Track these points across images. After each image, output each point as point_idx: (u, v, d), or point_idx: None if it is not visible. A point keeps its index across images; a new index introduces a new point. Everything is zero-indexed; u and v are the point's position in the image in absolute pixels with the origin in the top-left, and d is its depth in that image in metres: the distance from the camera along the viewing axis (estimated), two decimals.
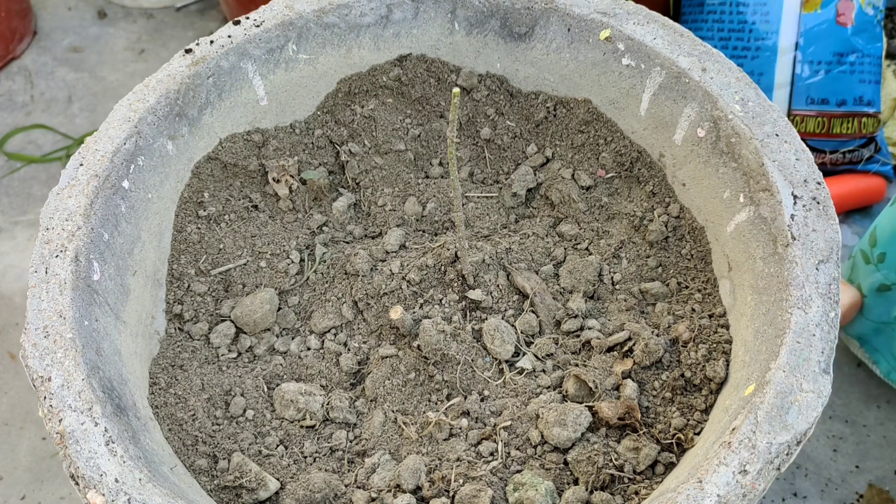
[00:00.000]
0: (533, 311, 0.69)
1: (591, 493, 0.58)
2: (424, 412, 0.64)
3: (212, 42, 0.72)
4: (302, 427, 0.65)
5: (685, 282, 0.69)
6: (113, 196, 0.63)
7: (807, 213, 0.59)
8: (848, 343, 0.95)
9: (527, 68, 0.78)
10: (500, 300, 0.69)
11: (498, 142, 0.80)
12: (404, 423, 0.64)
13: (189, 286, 0.70)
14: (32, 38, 1.40)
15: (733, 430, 0.52)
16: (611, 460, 0.59)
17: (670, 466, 0.59)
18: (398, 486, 0.60)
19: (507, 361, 0.66)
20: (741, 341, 0.61)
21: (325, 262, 0.73)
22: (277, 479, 0.61)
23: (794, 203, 0.60)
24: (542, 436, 0.61)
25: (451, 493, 0.59)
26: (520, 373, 0.66)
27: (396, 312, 0.66)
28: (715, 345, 0.63)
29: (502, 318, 0.68)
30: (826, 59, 1.04)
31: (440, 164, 0.81)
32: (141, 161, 0.66)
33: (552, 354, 0.67)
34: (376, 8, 0.75)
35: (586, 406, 0.62)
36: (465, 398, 0.65)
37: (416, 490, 0.60)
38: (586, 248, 0.74)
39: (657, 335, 0.65)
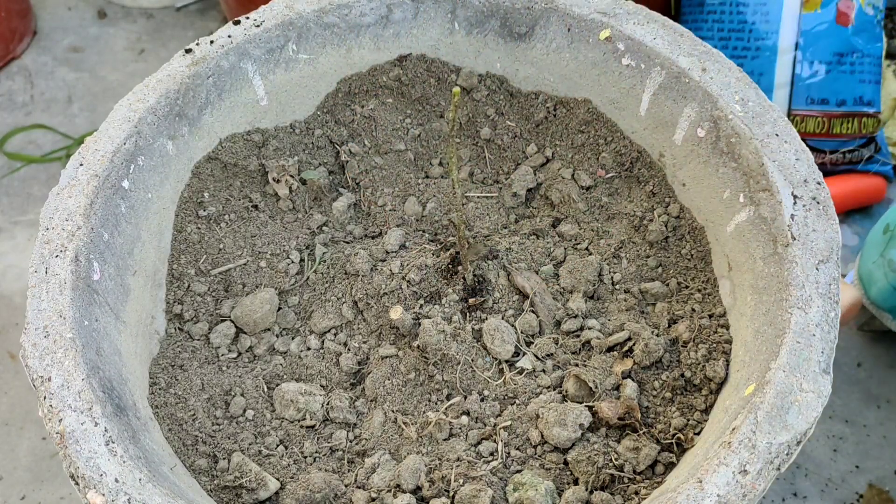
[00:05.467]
0: (533, 311, 0.69)
1: (591, 493, 0.58)
2: (424, 412, 0.64)
3: (212, 42, 0.72)
4: (302, 427, 0.65)
5: (685, 282, 0.69)
6: (113, 196, 0.63)
7: (807, 213, 0.59)
8: (880, 316, 0.94)
9: (527, 68, 0.78)
10: (500, 300, 0.69)
11: (498, 142, 0.80)
12: (404, 423, 0.64)
13: (189, 286, 0.70)
14: (32, 38, 1.40)
15: (733, 430, 0.52)
16: (611, 460, 0.59)
17: (670, 466, 0.59)
18: (398, 486, 0.60)
19: (507, 361, 0.66)
20: (741, 341, 0.61)
21: (325, 262, 0.73)
22: (277, 479, 0.61)
23: (794, 203, 0.60)
24: (542, 436, 0.61)
25: (451, 493, 0.59)
26: (520, 373, 0.66)
27: (396, 312, 0.66)
28: (715, 345, 0.63)
29: (502, 318, 0.68)
30: (826, 59, 1.04)
31: (440, 164, 0.81)
32: (141, 161, 0.66)
33: (552, 354, 0.67)
34: (376, 8, 0.75)
35: (586, 406, 0.62)
36: (465, 398, 0.65)
37: (416, 490, 0.60)
38: (586, 248, 0.74)
39: (657, 335, 0.65)
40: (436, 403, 0.65)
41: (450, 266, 0.70)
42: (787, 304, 0.56)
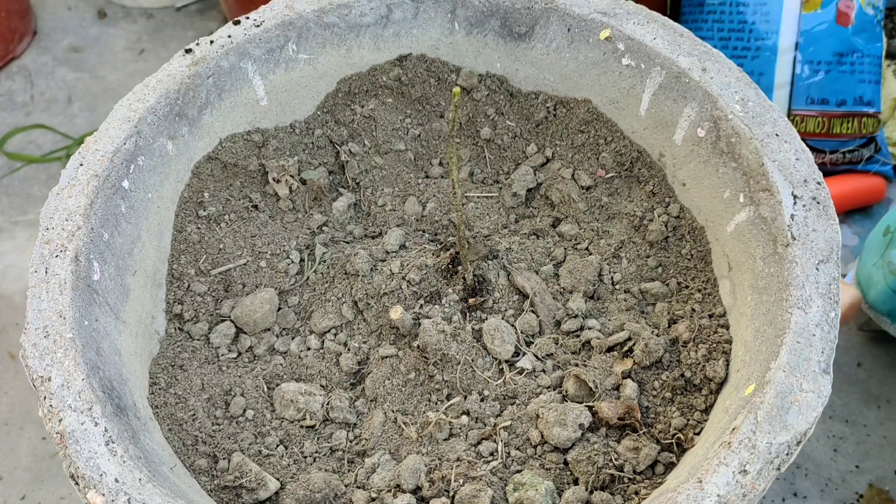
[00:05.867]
0: (533, 311, 0.69)
1: (591, 493, 0.58)
2: (424, 412, 0.64)
3: (212, 42, 0.72)
4: (302, 427, 0.65)
5: (685, 282, 0.69)
6: (113, 196, 0.63)
7: (807, 213, 0.59)
8: (878, 321, 0.94)
9: (527, 68, 0.78)
10: (500, 300, 0.69)
11: (498, 142, 0.80)
12: (404, 423, 0.64)
13: (189, 286, 0.70)
14: (32, 38, 1.40)
15: (733, 430, 0.52)
16: (611, 460, 0.59)
17: (670, 466, 0.59)
18: (398, 486, 0.60)
19: (507, 361, 0.66)
20: (741, 341, 0.61)
21: (325, 262, 0.73)
22: (277, 479, 0.61)
23: (794, 203, 0.60)
24: (542, 436, 0.61)
25: (451, 493, 0.59)
26: (520, 373, 0.66)
27: (396, 312, 0.66)
28: (715, 345, 0.63)
29: (502, 318, 0.68)
30: (826, 59, 1.04)
31: (440, 164, 0.81)
32: (141, 161, 0.66)
33: (552, 354, 0.67)
34: (376, 8, 0.75)
35: (586, 406, 0.62)
36: (465, 398, 0.65)
37: (416, 490, 0.60)
38: (586, 248, 0.74)
39: (657, 335, 0.65)
40: (436, 403, 0.65)
41: (450, 266, 0.70)
42: (787, 304, 0.56)
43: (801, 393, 0.52)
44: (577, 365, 0.66)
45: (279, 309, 0.71)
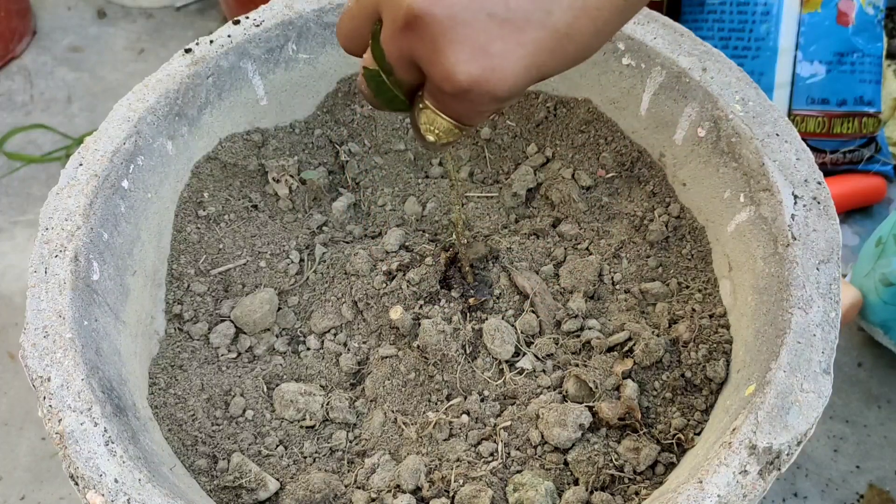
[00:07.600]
0: (533, 311, 0.69)
1: (592, 493, 0.58)
2: (424, 412, 0.64)
3: (211, 42, 0.71)
4: (302, 427, 0.65)
5: (685, 282, 0.69)
6: (112, 196, 0.63)
7: (807, 213, 0.59)
8: (871, 332, 0.94)
9: None
10: (500, 300, 0.69)
11: (498, 142, 0.80)
12: (404, 424, 0.64)
13: (189, 286, 0.70)
14: (32, 37, 1.40)
15: (734, 430, 0.51)
16: (611, 460, 0.59)
17: (670, 467, 0.59)
18: (398, 486, 0.60)
19: (507, 361, 0.66)
20: (742, 341, 0.61)
21: (324, 262, 0.73)
22: (277, 480, 0.61)
23: (795, 203, 0.60)
24: (543, 436, 0.61)
25: (451, 494, 0.59)
26: (520, 373, 0.66)
27: (396, 312, 0.66)
28: (715, 345, 0.62)
29: (502, 318, 0.68)
30: (826, 58, 1.04)
31: (440, 163, 0.81)
32: (140, 161, 0.66)
33: (552, 354, 0.67)
34: None
35: (586, 406, 0.62)
36: (465, 398, 0.64)
37: (416, 490, 0.60)
38: (586, 248, 0.74)
39: (657, 335, 0.65)
40: (436, 404, 0.65)
41: (450, 265, 0.70)
42: (788, 304, 0.56)
43: (801, 393, 0.52)
44: (577, 365, 0.66)
45: (279, 309, 0.71)
